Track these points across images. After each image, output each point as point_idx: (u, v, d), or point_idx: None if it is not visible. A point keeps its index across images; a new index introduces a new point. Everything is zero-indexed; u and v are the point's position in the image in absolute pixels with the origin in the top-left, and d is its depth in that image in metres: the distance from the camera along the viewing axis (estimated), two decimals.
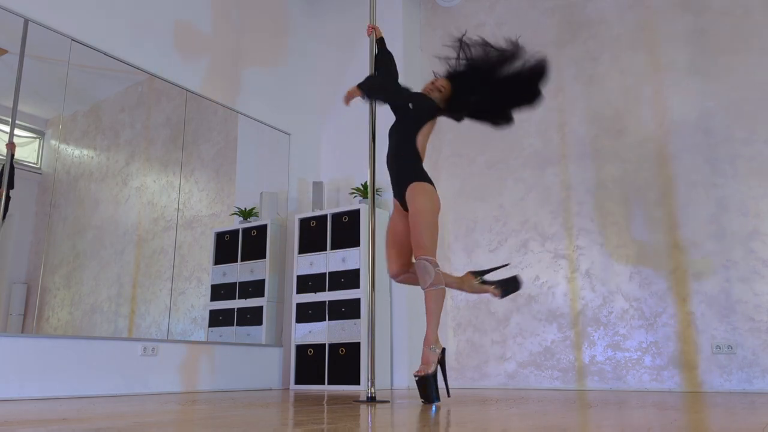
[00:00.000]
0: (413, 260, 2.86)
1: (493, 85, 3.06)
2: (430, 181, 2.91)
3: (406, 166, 2.95)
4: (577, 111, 4.55)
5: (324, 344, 4.51)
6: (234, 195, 4.76)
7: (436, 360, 2.73)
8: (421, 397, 2.66)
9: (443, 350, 2.80)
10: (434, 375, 2.69)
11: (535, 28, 4.85)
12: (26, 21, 3.54)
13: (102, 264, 3.80)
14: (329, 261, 4.65)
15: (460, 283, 3.04)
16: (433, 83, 3.14)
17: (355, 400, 3.01)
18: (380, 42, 3.45)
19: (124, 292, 3.89)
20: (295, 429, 1.64)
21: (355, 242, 4.57)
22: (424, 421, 1.90)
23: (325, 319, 4.56)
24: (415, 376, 2.68)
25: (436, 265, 2.73)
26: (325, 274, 4.65)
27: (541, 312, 4.39)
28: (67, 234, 3.65)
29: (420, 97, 3.11)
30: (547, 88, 4.68)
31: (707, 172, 4.02)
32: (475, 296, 4.68)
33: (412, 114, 3.03)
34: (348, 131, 5.23)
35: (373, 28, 3.43)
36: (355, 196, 4.89)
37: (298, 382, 4.59)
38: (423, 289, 2.76)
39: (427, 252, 2.73)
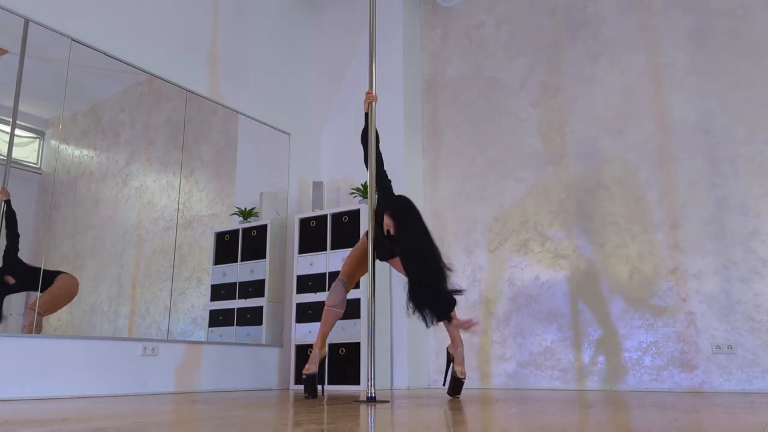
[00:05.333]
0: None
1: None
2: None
3: None
4: (577, 111, 4.55)
5: None
6: (234, 195, 4.76)
7: None
8: (459, 393, 3.20)
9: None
10: None
11: (535, 28, 4.85)
12: (26, 21, 3.54)
13: (102, 264, 3.80)
14: (329, 261, 4.65)
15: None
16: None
17: (355, 400, 3.01)
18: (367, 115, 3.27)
19: (124, 292, 3.89)
20: (295, 429, 1.64)
21: (355, 242, 4.56)
22: (424, 421, 1.90)
23: None
24: (462, 376, 3.20)
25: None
26: (325, 274, 4.64)
27: (541, 312, 4.39)
28: (67, 234, 3.65)
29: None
30: (548, 88, 4.71)
31: (707, 172, 4.02)
32: (475, 296, 4.68)
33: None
34: (348, 131, 5.23)
35: (370, 96, 3.26)
36: (355, 196, 4.89)
37: (298, 382, 4.59)
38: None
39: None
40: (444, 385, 3.33)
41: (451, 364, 3.29)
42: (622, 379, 4.04)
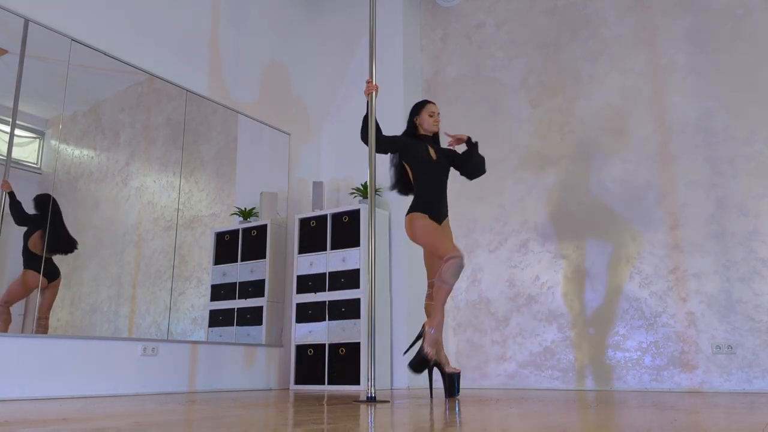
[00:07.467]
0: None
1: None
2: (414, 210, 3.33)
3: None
4: (577, 111, 4.55)
5: (324, 344, 4.51)
6: (234, 195, 4.76)
7: None
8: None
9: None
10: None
11: (535, 28, 4.85)
12: (26, 21, 3.54)
13: (102, 264, 3.80)
14: (329, 261, 4.65)
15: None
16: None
17: (355, 400, 3.01)
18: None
19: (124, 292, 3.89)
20: (295, 429, 1.63)
21: (355, 242, 4.57)
22: (424, 421, 1.90)
23: (325, 319, 4.56)
24: (430, 357, 3.08)
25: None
26: (325, 274, 4.65)
27: (541, 312, 4.39)
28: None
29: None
30: (548, 88, 4.70)
31: (707, 172, 4.02)
32: (475, 296, 4.68)
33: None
34: (348, 131, 5.23)
35: (370, 86, 3.28)
36: (355, 196, 4.90)
37: (298, 382, 4.59)
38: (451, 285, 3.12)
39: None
40: (405, 354, 3.42)
41: (421, 340, 3.12)
42: (622, 379, 4.04)
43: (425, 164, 3.34)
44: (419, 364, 3.04)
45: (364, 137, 3.29)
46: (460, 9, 5.27)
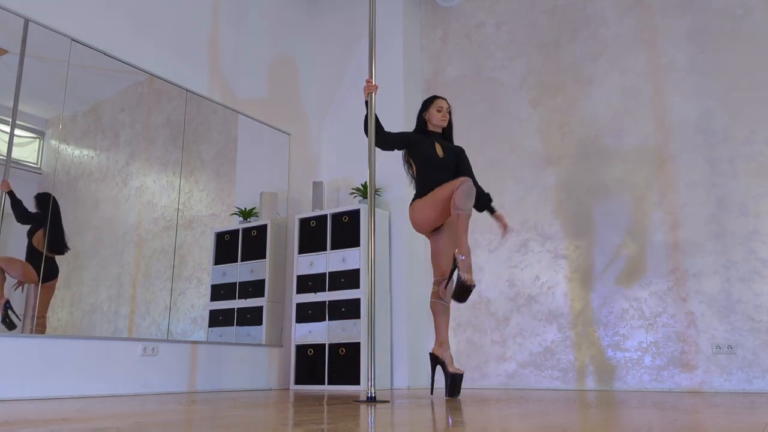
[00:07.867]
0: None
1: None
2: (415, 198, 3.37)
3: None
4: (577, 111, 4.55)
5: (324, 344, 4.51)
6: (234, 195, 4.76)
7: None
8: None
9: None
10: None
11: (535, 28, 4.85)
12: (26, 21, 3.54)
13: (102, 264, 3.80)
14: (329, 261, 4.65)
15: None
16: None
17: (355, 400, 3.01)
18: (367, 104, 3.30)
19: (124, 292, 3.89)
20: (295, 429, 1.63)
21: (355, 242, 4.57)
22: (424, 421, 1.90)
23: (325, 319, 4.56)
24: (470, 283, 2.93)
25: None
26: (325, 274, 4.65)
27: (541, 312, 4.39)
28: (67, 234, 3.65)
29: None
30: (548, 88, 4.70)
31: (707, 172, 4.02)
32: (475, 296, 4.69)
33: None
34: (348, 131, 5.23)
35: (370, 85, 3.26)
36: (355, 196, 4.90)
37: (298, 382, 4.59)
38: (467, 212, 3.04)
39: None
40: (446, 287, 3.19)
41: (457, 271, 3.03)
42: (622, 379, 4.04)
43: (431, 161, 3.32)
44: (461, 292, 2.94)
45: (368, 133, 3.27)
46: (460, 9, 5.27)
